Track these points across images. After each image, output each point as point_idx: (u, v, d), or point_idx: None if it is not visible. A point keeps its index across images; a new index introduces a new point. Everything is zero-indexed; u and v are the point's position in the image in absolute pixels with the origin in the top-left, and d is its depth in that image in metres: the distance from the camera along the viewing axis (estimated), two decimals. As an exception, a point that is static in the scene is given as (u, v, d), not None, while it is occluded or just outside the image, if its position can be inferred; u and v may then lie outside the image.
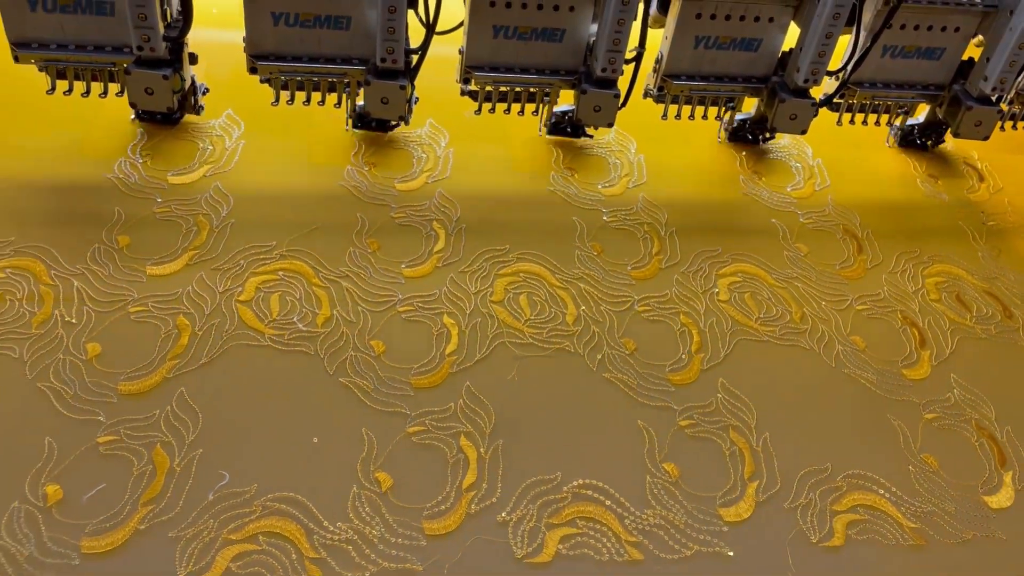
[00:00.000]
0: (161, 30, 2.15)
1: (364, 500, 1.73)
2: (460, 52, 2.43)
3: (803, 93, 2.52)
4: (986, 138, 2.66)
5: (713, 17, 2.40)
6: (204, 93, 2.56)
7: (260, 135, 2.56)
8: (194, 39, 2.28)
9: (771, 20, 2.44)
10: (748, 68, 2.53)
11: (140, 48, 2.16)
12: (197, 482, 1.71)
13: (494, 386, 1.98)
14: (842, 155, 2.89)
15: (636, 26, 2.30)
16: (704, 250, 2.45)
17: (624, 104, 2.42)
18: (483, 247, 2.34)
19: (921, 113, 2.92)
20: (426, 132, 2.71)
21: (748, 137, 2.88)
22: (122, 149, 2.43)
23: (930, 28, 2.51)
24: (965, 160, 2.98)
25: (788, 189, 2.73)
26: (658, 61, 2.53)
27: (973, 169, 2.96)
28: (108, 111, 2.49)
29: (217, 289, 2.09)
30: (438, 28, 2.23)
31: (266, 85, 2.36)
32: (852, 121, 2.68)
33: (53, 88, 2.27)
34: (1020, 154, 3.05)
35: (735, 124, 2.85)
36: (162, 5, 2.14)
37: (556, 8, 2.31)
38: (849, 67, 2.52)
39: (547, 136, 2.75)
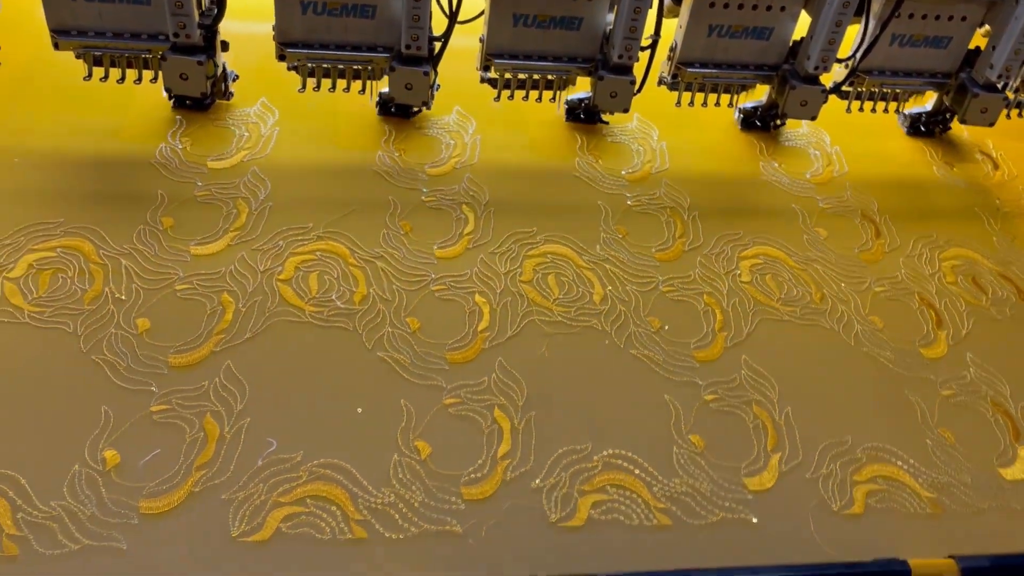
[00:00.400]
0: (196, 18, 2.23)
1: (405, 466, 1.81)
2: (480, 40, 2.50)
3: (813, 80, 2.58)
4: (992, 124, 2.72)
5: (726, 6, 2.46)
6: (234, 80, 2.65)
7: (293, 122, 2.64)
8: (224, 28, 2.36)
9: (783, 9, 2.49)
10: (760, 56, 2.59)
11: (176, 35, 2.24)
12: (246, 448, 1.79)
13: (525, 361, 2.06)
14: (858, 142, 2.95)
15: (651, 15, 2.37)
16: (726, 233, 2.52)
17: (639, 90, 2.49)
18: (511, 229, 2.41)
19: (929, 101, 2.98)
20: (453, 119, 2.78)
21: (757, 124, 2.94)
22: (162, 135, 2.52)
23: (937, 17, 2.56)
24: (980, 149, 3.04)
25: (807, 175, 2.80)
26: (672, 49, 2.60)
27: (988, 157, 3.02)
28: (143, 98, 2.57)
29: (258, 268, 2.18)
30: (460, 17, 2.31)
31: (294, 73, 2.44)
32: (861, 109, 2.74)
33: (90, 75, 2.35)
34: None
35: (746, 111, 2.91)
36: None
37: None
38: (858, 55, 2.58)
39: (563, 121, 2.82)
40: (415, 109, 2.76)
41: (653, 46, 2.45)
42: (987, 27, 2.61)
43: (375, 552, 1.67)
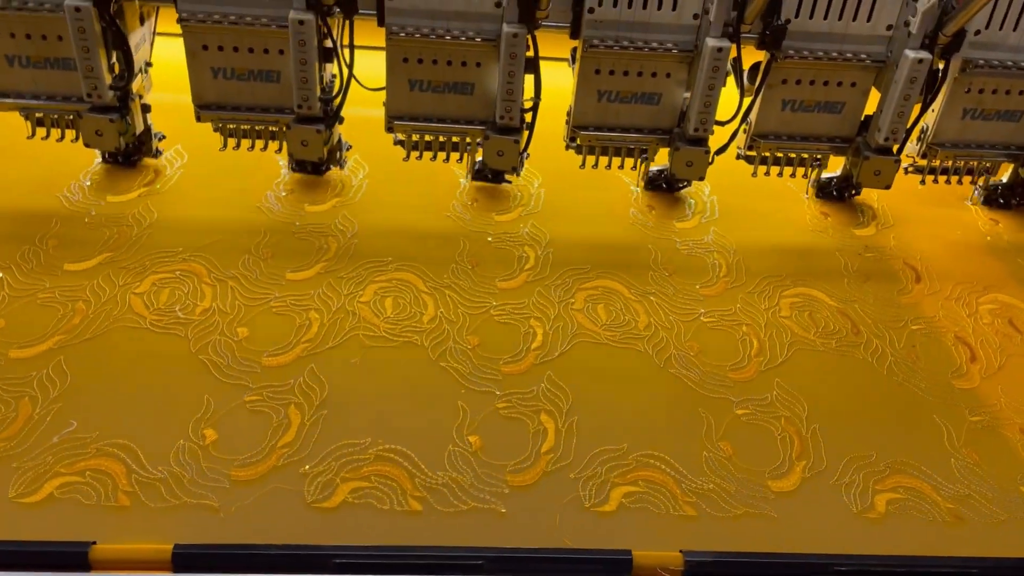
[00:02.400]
0: (108, 81, 2.56)
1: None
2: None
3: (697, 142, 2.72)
4: (887, 187, 2.78)
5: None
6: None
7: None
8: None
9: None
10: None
11: (89, 96, 2.56)
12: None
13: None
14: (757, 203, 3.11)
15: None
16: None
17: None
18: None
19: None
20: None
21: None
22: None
23: (825, 83, 2.68)
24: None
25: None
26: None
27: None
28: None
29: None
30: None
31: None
32: (767, 173, 2.87)
33: (33, 133, 2.69)
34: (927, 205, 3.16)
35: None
36: (109, 59, 2.55)
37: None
38: (738, 120, 2.70)
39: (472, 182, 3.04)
40: (323, 167, 3.01)
41: (535, 109, 2.65)
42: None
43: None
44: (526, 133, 2.73)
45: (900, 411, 2.28)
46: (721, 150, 2.76)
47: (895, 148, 2.75)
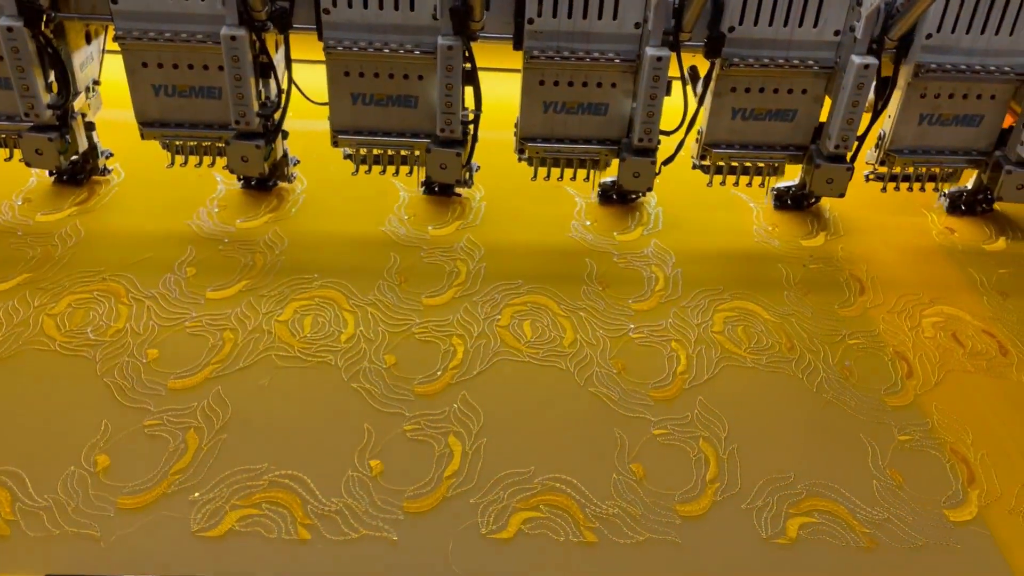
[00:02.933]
0: (45, 100, 2.55)
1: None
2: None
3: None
4: (841, 195, 2.71)
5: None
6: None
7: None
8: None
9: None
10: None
11: (27, 115, 2.55)
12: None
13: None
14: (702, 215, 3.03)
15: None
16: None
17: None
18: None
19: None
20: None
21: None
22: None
23: (776, 91, 2.62)
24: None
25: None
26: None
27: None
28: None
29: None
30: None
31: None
32: (710, 183, 2.80)
33: None
34: (887, 213, 3.08)
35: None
36: (47, 78, 2.55)
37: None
38: (683, 130, 2.64)
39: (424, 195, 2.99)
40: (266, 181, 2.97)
41: (476, 120, 2.62)
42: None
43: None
44: (468, 145, 2.68)
45: (826, 430, 2.20)
46: (668, 160, 2.70)
47: (848, 156, 2.67)
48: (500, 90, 2.92)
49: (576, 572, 1.80)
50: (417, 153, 2.72)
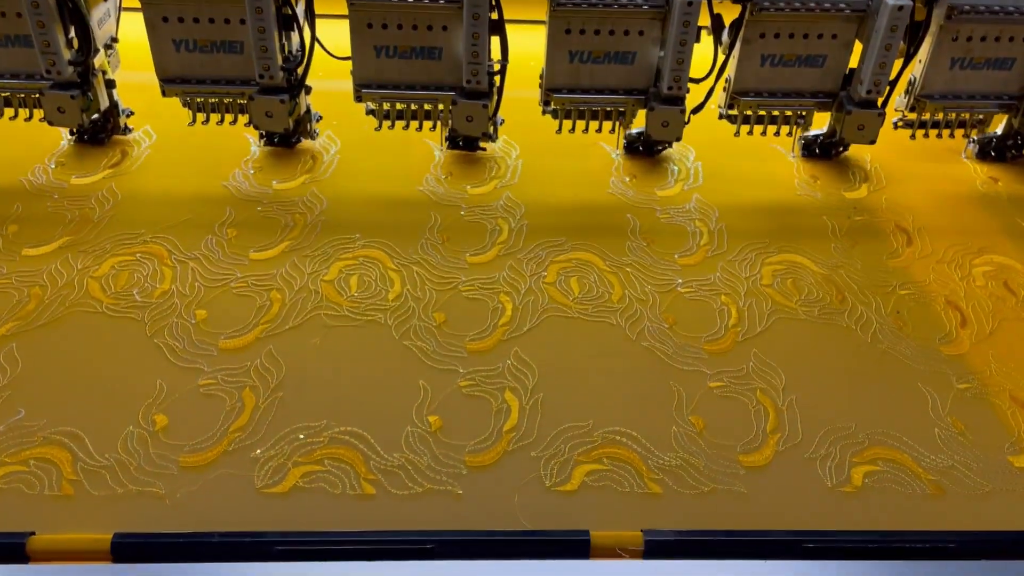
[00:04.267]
0: (66, 56, 2.51)
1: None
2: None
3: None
4: (872, 142, 2.67)
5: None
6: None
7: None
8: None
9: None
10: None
11: (48, 72, 2.52)
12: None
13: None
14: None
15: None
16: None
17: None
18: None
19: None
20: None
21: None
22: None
23: (806, 36, 2.57)
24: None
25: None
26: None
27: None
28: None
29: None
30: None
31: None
32: (737, 133, 2.77)
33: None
34: (923, 161, 3.03)
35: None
36: (67, 35, 2.50)
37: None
38: (712, 77, 2.60)
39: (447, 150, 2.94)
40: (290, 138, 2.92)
41: (502, 72, 2.57)
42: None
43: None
44: (495, 97, 2.64)
45: (883, 380, 2.18)
46: (697, 109, 2.66)
47: (879, 101, 2.63)
48: (533, 44, 2.86)
49: (644, 522, 1.79)
50: (441, 107, 2.68)
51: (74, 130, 2.89)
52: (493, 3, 2.44)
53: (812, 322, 2.35)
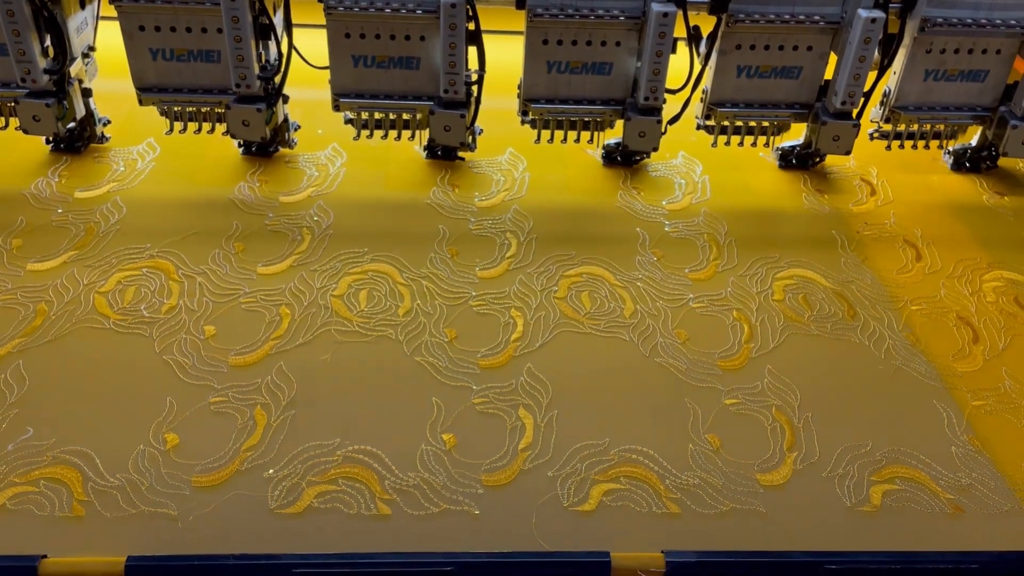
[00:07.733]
0: (41, 65, 2.48)
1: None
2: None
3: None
4: (847, 152, 2.69)
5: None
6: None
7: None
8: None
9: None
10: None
11: (23, 80, 2.49)
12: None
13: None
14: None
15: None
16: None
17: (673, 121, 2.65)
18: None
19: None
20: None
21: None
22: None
23: (781, 48, 2.59)
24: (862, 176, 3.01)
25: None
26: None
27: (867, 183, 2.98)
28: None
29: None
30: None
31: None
32: (714, 143, 2.78)
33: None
34: (930, 173, 3.04)
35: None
36: (43, 43, 2.48)
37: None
38: (689, 88, 2.60)
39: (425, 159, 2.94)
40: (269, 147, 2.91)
41: (480, 81, 2.58)
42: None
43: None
44: (473, 107, 2.63)
45: (898, 397, 2.17)
46: (674, 120, 2.67)
47: (854, 112, 2.64)
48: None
49: (663, 542, 1.77)
50: (420, 116, 2.68)
51: (50, 139, 2.87)
52: (470, 13, 2.44)
53: (825, 338, 2.34)
